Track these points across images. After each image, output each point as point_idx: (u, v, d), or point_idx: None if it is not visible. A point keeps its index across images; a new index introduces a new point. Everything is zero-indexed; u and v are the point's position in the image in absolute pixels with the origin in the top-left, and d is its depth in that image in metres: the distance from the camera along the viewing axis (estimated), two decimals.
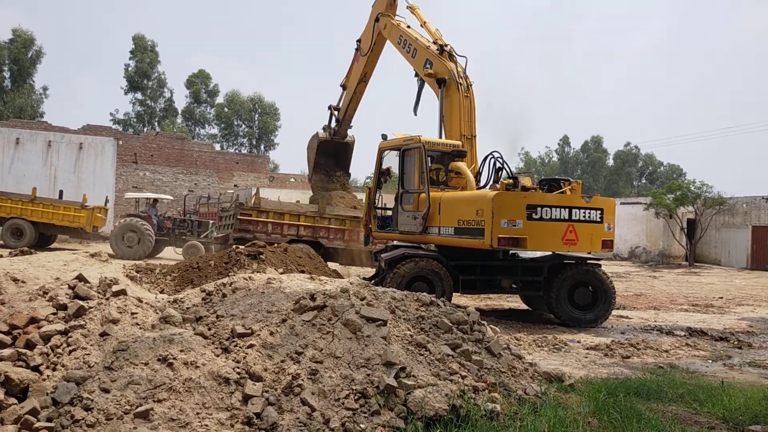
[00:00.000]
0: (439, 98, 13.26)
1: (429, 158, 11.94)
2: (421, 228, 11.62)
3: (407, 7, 15.55)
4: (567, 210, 10.82)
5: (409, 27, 15.06)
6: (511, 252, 12.14)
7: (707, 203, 34.97)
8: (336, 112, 18.75)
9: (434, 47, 13.97)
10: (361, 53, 17.02)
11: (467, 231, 10.87)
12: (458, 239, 11.16)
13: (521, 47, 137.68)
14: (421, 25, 14.81)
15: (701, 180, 36.28)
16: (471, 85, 13.31)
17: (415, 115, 14.90)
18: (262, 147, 64.97)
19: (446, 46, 13.79)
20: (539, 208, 10.60)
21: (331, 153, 19.14)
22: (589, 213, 11.06)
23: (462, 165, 12.47)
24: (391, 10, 15.85)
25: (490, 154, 12.77)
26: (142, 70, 57.54)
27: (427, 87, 14.19)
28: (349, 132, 19.23)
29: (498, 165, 12.39)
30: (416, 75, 14.59)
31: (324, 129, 19.00)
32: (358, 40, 17.29)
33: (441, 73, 13.43)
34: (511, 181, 11.27)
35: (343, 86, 18.33)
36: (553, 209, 10.71)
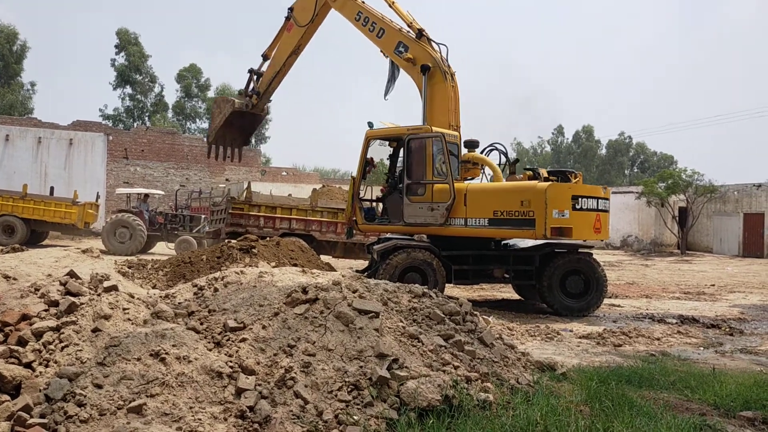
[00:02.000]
0: (423, 86, 12.80)
1: (450, 148, 11.80)
2: (444, 219, 11.44)
3: None
4: (596, 200, 11.35)
5: (364, 2, 14.13)
6: (503, 242, 12.22)
7: (699, 191, 35.16)
8: (255, 82, 16.76)
9: (408, 30, 13.36)
10: (295, 23, 15.44)
11: (509, 222, 11.00)
12: (495, 230, 11.27)
13: (518, 35, 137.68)
14: (390, 5, 13.99)
15: (692, 168, 36.50)
16: (454, 74, 13.02)
17: (386, 98, 14.26)
18: (253, 141, 64.68)
19: (423, 30, 13.24)
20: (580, 199, 11.08)
21: (239, 124, 17.07)
22: (606, 203, 11.66)
23: (484, 156, 12.72)
24: None
25: (492, 145, 12.86)
26: (133, 64, 57.13)
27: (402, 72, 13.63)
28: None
29: (502, 155, 12.68)
30: (387, 56, 13.90)
31: (240, 94, 16.96)
32: (291, 8, 15.65)
33: (423, 59, 12.93)
34: (530, 173, 11.86)
35: (266, 56, 16.52)
36: (589, 200, 11.25)
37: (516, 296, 13.79)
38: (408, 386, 4.41)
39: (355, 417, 4.08)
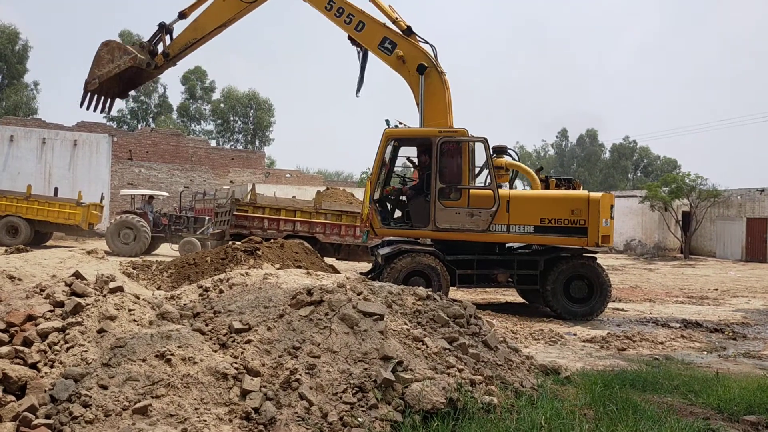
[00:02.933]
0: (420, 87, 12.42)
1: (492, 154, 11.74)
2: (487, 225, 11.38)
3: None
4: (612, 209, 11.73)
5: None
6: (507, 245, 12.23)
7: (702, 196, 35.10)
8: (166, 38, 14.80)
9: (393, 26, 12.83)
10: None
11: (557, 230, 11.25)
12: (542, 237, 11.43)
13: (518, 40, 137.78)
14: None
15: (696, 172, 36.37)
16: (445, 74, 12.66)
17: (358, 95, 13.67)
18: (257, 143, 64.85)
19: (411, 28, 12.73)
20: (612, 208, 11.54)
21: (127, 77, 14.91)
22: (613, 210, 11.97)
23: (520, 163, 12.82)
24: None
25: (504, 150, 12.80)
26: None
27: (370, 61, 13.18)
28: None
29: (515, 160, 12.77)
30: (360, 49, 13.33)
31: (141, 47, 14.75)
32: None
33: (416, 58, 12.52)
34: (555, 180, 12.38)
35: (184, 14, 14.65)
36: (613, 208, 11.69)
37: (520, 300, 13.78)
38: (412, 389, 4.42)
39: (359, 419, 4.09)
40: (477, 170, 12.09)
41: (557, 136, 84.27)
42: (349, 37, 13.44)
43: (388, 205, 12.51)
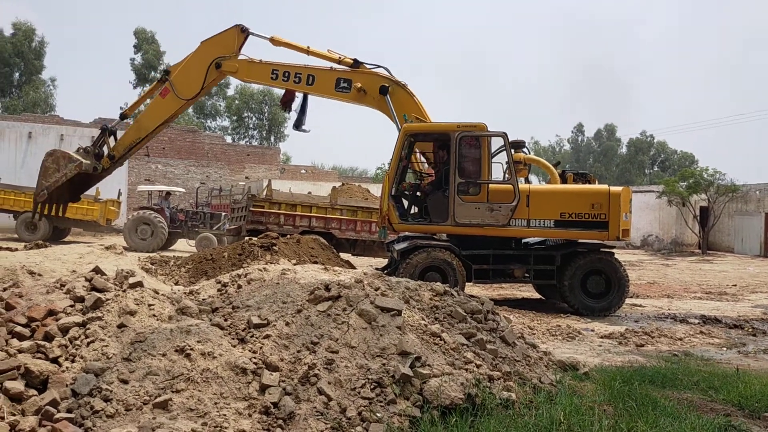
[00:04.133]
0: (389, 106, 12.65)
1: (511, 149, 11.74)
2: (507, 220, 11.34)
3: (270, 39, 13.69)
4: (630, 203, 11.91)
5: (261, 61, 13.68)
6: (523, 240, 12.18)
7: (720, 191, 34.72)
8: (110, 140, 15.17)
9: (340, 66, 13.21)
10: (176, 93, 14.00)
11: (578, 224, 11.30)
12: (562, 231, 11.44)
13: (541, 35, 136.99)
14: (307, 53, 13.61)
15: (714, 167, 35.93)
16: (406, 84, 12.96)
17: (299, 130, 13.94)
18: (272, 139, 65.03)
19: (357, 59, 13.11)
20: (631, 202, 11.69)
21: (77, 181, 15.05)
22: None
23: (539, 158, 13.10)
24: (237, 52, 13.86)
25: (522, 144, 12.79)
26: (148, 61, 57.56)
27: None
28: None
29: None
30: (285, 102, 13.98)
31: (86, 152, 14.93)
32: (167, 71, 14.46)
33: (375, 83, 12.84)
34: (572, 175, 12.50)
35: (125, 115, 15.23)
36: (631, 203, 11.84)
37: (536, 295, 13.73)
38: (431, 384, 4.41)
39: (378, 414, 4.09)
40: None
41: (573, 131, 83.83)
42: (281, 101, 14.12)
43: (404, 200, 12.48)
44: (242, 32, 13.88)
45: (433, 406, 4.29)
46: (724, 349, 8.37)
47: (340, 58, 13.35)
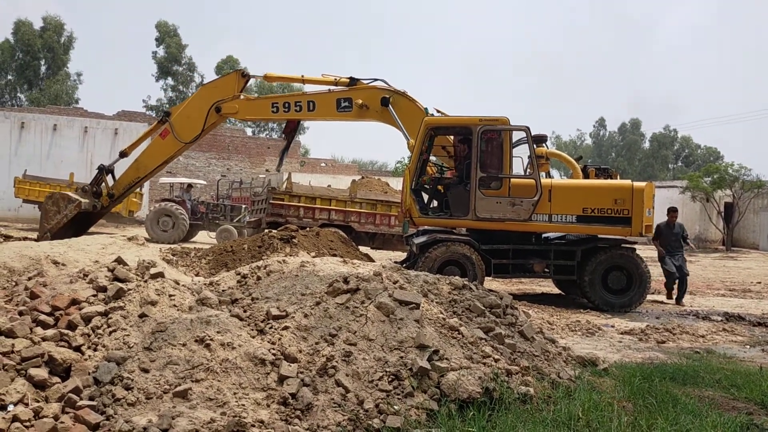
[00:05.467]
0: (393, 116, 12.74)
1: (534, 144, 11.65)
2: (529, 215, 11.27)
3: (264, 77, 14.29)
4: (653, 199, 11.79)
5: (257, 97, 13.87)
6: (543, 235, 12.11)
7: (745, 186, 34.23)
8: (108, 178, 15.34)
9: (337, 87, 13.36)
10: (176, 136, 14.20)
11: (601, 219, 11.22)
12: (584, 227, 11.38)
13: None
14: (302, 81, 13.89)
15: (739, 163, 35.45)
16: (406, 91, 13.05)
17: (279, 170, 14.18)
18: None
19: (353, 77, 13.27)
20: (654, 197, 11.61)
21: (77, 219, 15.08)
22: None
23: (561, 153, 12.96)
24: (237, 92, 14.05)
25: (544, 139, 12.70)
26: (171, 54, 57.94)
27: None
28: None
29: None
30: (288, 131, 14.30)
31: (84, 191, 15.06)
32: (168, 113, 14.69)
33: (375, 96, 12.95)
34: (594, 170, 12.41)
35: (124, 154, 15.21)
36: (654, 198, 11.68)
37: (556, 290, 13.65)
38: (448, 378, 4.41)
39: (395, 407, 4.10)
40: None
41: (594, 125, 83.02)
42: (284, 131, 14.33)
43: (424, 194, 12.45)
44: (243, 77, 14.27)
45: (451, 400, 4.29)
46: (748, 346, 8.26)
47: (335, 79, 13.50)
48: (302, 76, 13.90)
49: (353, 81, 13.25)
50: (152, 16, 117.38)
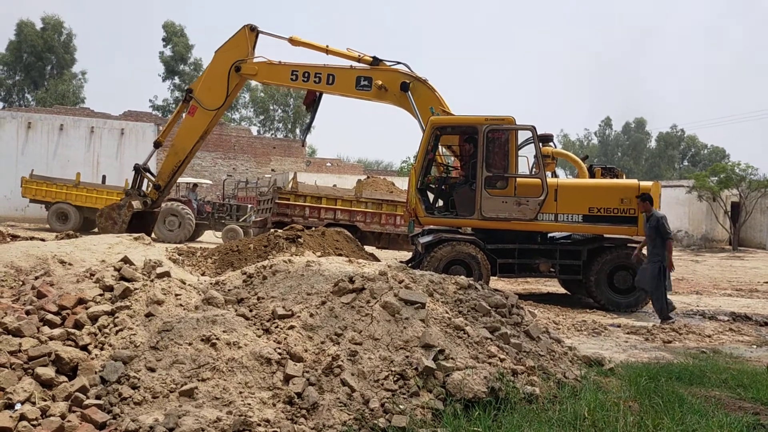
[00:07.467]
0: (411, 103, 12.75)
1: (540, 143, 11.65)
2: (535, 214, 11.28)
3: (289, 39, 13.98)
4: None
5: (280, 62, 13.89)
6: (549, 235, 12.09)
7: (752, 186, 34.07)
8: (149, 175, 15.84)
9: (360, 64, 13.35)
10: (204, 107, 14.40)
11: (607, 219, 11.22)
12: (590, 226, 11.38)
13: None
14: (326, 52, 13.82)
15: (746, 162, 35.26)
16: (427, 80, 13.05)
17: (304, 144, 14.21)
18: (297, 132, 65.23)
19: (377, 57, 13.25)
20: (660, 197, 11.62)
21: (136, 223, 15.47)
22: None
23: (567, 152, 13.02)
24: (252, 52, 14.11)
25: (550, 138, 12.70)
26: (178, 54, 58.07)
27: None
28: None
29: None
30: (308, 102, 14.14)
31: (133, 193, 15.57)
32: (190, 90, 14.87)
33: (396, 79, 12.97)
34: (600, 169, 12.46)
35: (158, 143, 15.74)
36: (660, 198, 11.63)
37: (561, 290, 13.63)
38: (454, 377, 4.41)
39: (401, 406, 4.10)
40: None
41: (600, 124, 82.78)
42: (305, 102, 14.20)
43: (429, 194, 12.44)
44: (252, 31, 14.20)
45: (456, 399, 4.29)
46: (754, 346, 8.23)
47: (359, 56, 13.47)
48: (327, 46, 13.91)
49: (376, 61, 13.26)
50: (159, 16, 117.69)
